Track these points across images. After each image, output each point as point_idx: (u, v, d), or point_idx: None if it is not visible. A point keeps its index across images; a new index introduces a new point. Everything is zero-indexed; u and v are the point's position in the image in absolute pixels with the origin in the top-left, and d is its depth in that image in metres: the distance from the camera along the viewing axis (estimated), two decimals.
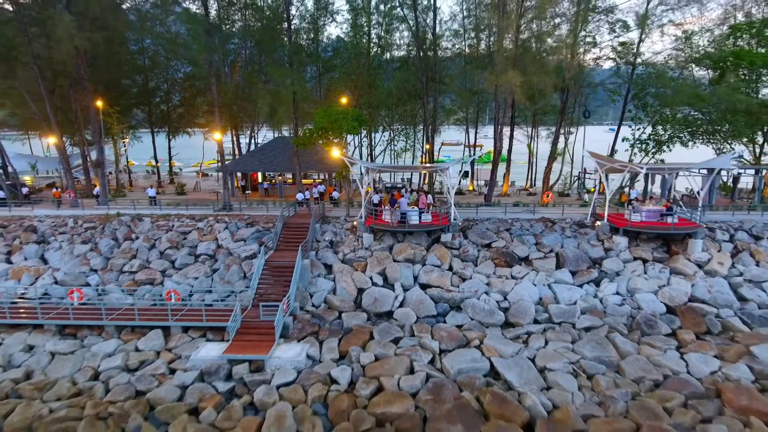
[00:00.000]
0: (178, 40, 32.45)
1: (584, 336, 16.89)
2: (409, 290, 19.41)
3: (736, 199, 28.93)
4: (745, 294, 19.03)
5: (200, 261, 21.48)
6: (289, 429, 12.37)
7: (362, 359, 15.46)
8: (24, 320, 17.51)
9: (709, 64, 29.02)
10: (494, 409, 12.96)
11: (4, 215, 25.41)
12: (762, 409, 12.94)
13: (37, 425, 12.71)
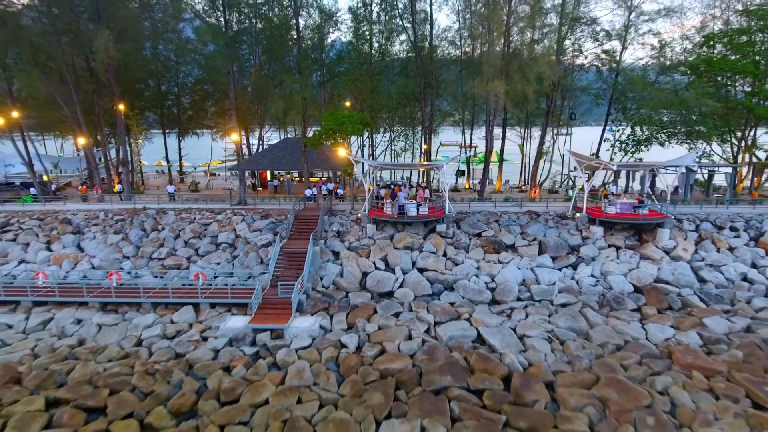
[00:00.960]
0: (202, 52, 34.88)
1: (560, 311, 19.40)
2: (407, 273, 21.93)
3: (711, 195, 31.51)
4: (705, 276, 21.55)
5: (221, 249, 24.01)
6: (308, 380, 14.89)
7: (367, 329, 17.98)
8: (71, 298, 20.02)
9: (685, 71, 31.56)
10: (479, 366, 15.48)
11: (40, 209, 27.97)
12: (704, 366, 15.45)
13: (97, 379, 15.21)
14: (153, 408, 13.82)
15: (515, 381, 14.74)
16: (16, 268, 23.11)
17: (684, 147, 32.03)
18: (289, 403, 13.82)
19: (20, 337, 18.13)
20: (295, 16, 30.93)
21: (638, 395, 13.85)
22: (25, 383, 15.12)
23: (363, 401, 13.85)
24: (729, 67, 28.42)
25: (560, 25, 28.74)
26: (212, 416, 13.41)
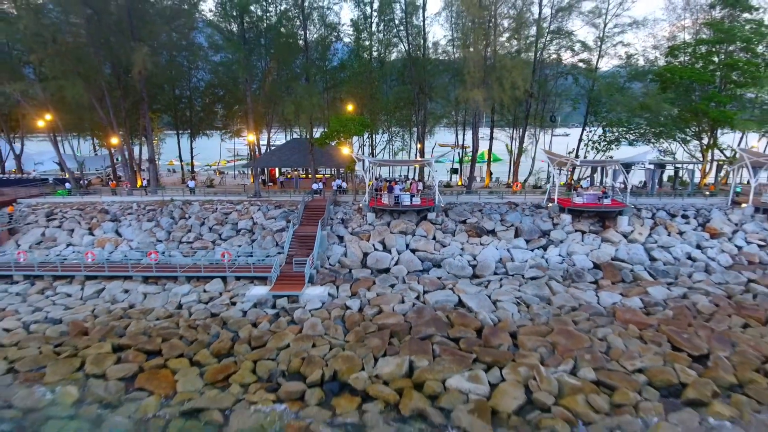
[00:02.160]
0: (222, 62, 38.58)
1: (529, 283, 23.14)
2: (402, 253, 25.64)
3: (676, 188, 35.23)
4: (655, 255, 25.27)
5: (241, 234, 27.73)
6: (320, 331, 18.61)
7: (368, 296, 21.70)
8: (118, 273, 23.74)
9: (652, 78, 35.31)
10: (457, 321, 19.22)
11: (78, 201, 31.69)
12: (639, 321, 19.20)
13: (150, 331, 18.94)
14: (198, 350, 17.54)
15: (486, 331, 18.48)
16: (65, 250, 26.83)
17: (650, 146, 35.75)
18: (306, 346, 17.53)
19: (80, 303, 21.87)
20: (303, 29, 34.71)
21: (581, 340, 17.59)
22: (92, 335, 18.84)
23: (364, 345, 17.57)
24: (688, 75, 32.15)
25: (537, 39, 32.48)
26: (246, 356, 17.13)
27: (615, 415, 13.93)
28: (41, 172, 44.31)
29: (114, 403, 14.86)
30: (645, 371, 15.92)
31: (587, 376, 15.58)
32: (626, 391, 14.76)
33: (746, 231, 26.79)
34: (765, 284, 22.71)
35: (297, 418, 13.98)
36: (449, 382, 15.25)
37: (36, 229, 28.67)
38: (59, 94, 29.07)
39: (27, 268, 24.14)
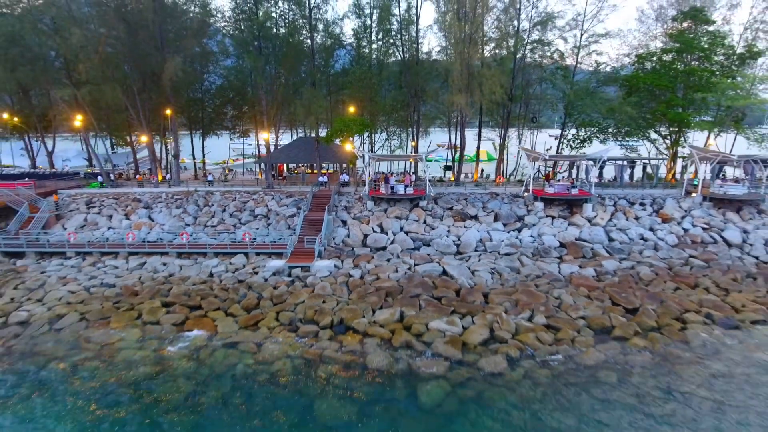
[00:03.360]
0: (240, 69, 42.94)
1: (503, 258, 27.39)
2: (396, 234, 29.88)
3: (643, 181, 39.48)
4: (613, 236, 29.52)
5: (258, 219, 32.00)
6: (329, 292, 22.88)
7: (367, 267, 25.97)
8: (156, 249, 28.01)
9: (621, 83, 39.62)
10: (441, 284, 23.51)
11: (113, 191, 35.95)
12: (589, 284, 23.49)
13: (190, 292, 23.22)
14: (231, 306, 21.83)
15: (463, 292, 22.79)
16: (107, 232, 31.08)
17: (617, 144, 40.02)
18: (317, 302, 21.82)
19: (127, 273, 26.14)
20: (310, 40, 39.00)
21: (540, 297, 21.89)
22: (142, 295, 23.13)
23: (365, 301, 21.87)
24: (650, 81, 36.44)
25: (516, 49, 36.76)
26: (270, 309, 21.41)
27: (556, 345, 18.23)
28: (72, 167, 48.53)
29: (170, 340, 19.14)
30: (586, 318, 20.24)
31: (539, 321, 19.89)
32: (568, 330, 19.09)
33: (693, 216, 31.06)
34: (702, 259, 27.01)
35: (313, 347, 18.26)
36: (431, 324, 19.55)
37: (78, 215, 32.94)
38: (97, 98, 33.27)
39: (78, 246, 28.44)
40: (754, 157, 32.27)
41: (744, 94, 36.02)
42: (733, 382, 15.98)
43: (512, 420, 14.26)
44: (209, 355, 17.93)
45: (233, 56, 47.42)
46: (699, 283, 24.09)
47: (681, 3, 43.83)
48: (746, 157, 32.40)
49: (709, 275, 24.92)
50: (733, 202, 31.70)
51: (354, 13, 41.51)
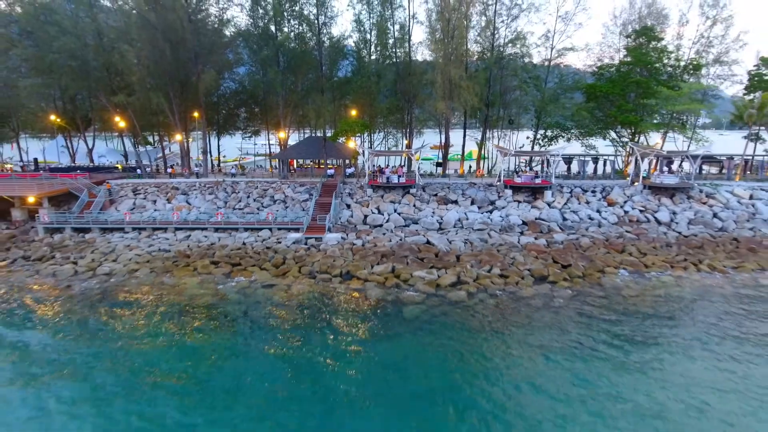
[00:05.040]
0: (249, 73, 49.91)
1: (476, 232, 34.25)
2: (391, 215, 36.70)
3: (601, 174, 46.34)
4: (566, 216, 36.37)
5: (277, 203, 38.81)
6: (337, 254, 29.71)
7: (367, 238, 32.81)
8: (197, 226, 34.83)
9: (583, 91, 46.56)
10: (424, 249, 30.37)
11: (154, 181, 42.75)
12: (539, 250, 30.31)
13: (230, 254, 30.04)
14: (263, 263, 28.67)
15: (441, 254, 29.66)
16: (153, 213, 37.86)
17: (578, 142, 46.98)
18: (329, 261, 28.65)
19: (177, 242, 32.95)
20: (319, 53, 45.91)
21: (498, 257, 28.77)
22: (193, 257, 29.95)
23: (365, 260, 28.72)
24: (605, 90, 43.39)
25: (491, 64, 43.74)
26: (293, 265, 28.26)
27: (504, 286, 25.10)
28: (107, 162, 55.34)
29: (221, 283, 25.98)
30: (530, 270, 27.12)
31: (495, 272, 26.78)
32: (515, 277, 25.99)
33: (634, 201, 37.92)
34: (635, 233, 33.88)
35: (327, 287, 25.12)
36: (414, 273, 26.43)
37: (128, 200, 39.74)
38: (144, 103, 40.16)
39: (134, 223, 35.27)
40: (685, 154, 39.22)
41: (685, 101, 42.84)
42: (626, 304, 22.85)
43: (466, 325, 21.08)
44: (252, 292, 24.80)
45: (247, 64, 54.22)
46: (625, 249, 30.99)
47: (642, 20, 50.86)
48: (675, 153, 39.37)
49: (636, 244, 31.82)
50: (668, 190, 38.61)
51: (356, 30, 48.50)
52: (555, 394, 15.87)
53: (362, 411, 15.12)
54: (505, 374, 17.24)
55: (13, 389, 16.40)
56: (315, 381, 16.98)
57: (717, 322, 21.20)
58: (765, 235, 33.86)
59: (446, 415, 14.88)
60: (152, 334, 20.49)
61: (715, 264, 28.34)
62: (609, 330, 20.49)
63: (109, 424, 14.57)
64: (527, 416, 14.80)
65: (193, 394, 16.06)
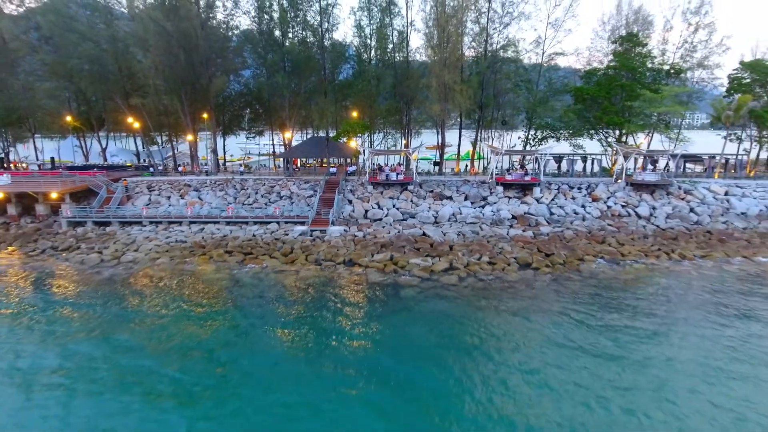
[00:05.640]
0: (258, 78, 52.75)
1: (469, 225, 36.95)
2: (390, 210, 39.39)
3: (589, 172, 49.04)
4: (553, 211, 39.06)
5: (283, 199, 41.50)
6: (340, 245, 32.41)
7: (368, 231, 35.50)
8: (210, 220, 37.52)
9: (571, 94, 49.26)
10: (420, 240, 33.09)
11: (167, 179, 45.43)
12: (526, 241, 33.03)
13: (242, 244, 32.73)
14: (273, 252, 31.37)
15: (435, 244, 32.35)
16: (168, 208, 40.53)
17: (566, 143, 49.71)
18: (333, 250, 31.35)
19: (192, 234, 35.63)
20: (322, 59, 48.60)
21: (488, 247, 31.48)
22: (208, 247, 32.64)
23: (366, 249, 31.41)
24: (591, 93, 46.11)
25: (484, 68, 46.49)
26: (301, 254, 30.96)
27: (491, 272, 27.81)
28: (123, 160, 58.02)
29: (236, 269, 28.67)
30: (516, 258, 29.82)
31: (484, 260, 29.47)
32: (501, 264, 28.70)
33: (617, 197, 40.62)
34: (615, 226, 36.58)
35: (332, 272, 27.82)
36: (411, 261, 29.12)
37: (143, 196, 42.42)
38: (158, 105, 42.85)
39: (151, 217, 37.96)
40: (663, 153, 41.94)
41: (667, 104, 45.50)
42: (599, 285, 25.54)
43: (456, 303, 23.75)
44: (265, 276, 27.51)
45: (252, 67, 56.85)
46: (605, 240, 33.72)
47: (629, 26, 53.58)
48: (655, 152, 42.10)
49: (616, 236, 34.53)
50: (648, 186, 41.33)
51: (357, 35, 51.23)
52: (529, 353, 18.55)
53: (363, 370, 17.77)
54: (487, 340, 19.92)
55: (64, 345, 19.05)
56: (322, 347, 19.65)
57: (679, 300, 23.90)
58: (737, 228, 36.62)
59: (434, 373, 17.53)
60: (177, 309, 23.15)
61: (686, 253, 31.06)
62: (580, 304, 23.16)
63: (135, 376, 17.20)
64: (503, 369, 17.46)
65: (217, 360, 18.73)
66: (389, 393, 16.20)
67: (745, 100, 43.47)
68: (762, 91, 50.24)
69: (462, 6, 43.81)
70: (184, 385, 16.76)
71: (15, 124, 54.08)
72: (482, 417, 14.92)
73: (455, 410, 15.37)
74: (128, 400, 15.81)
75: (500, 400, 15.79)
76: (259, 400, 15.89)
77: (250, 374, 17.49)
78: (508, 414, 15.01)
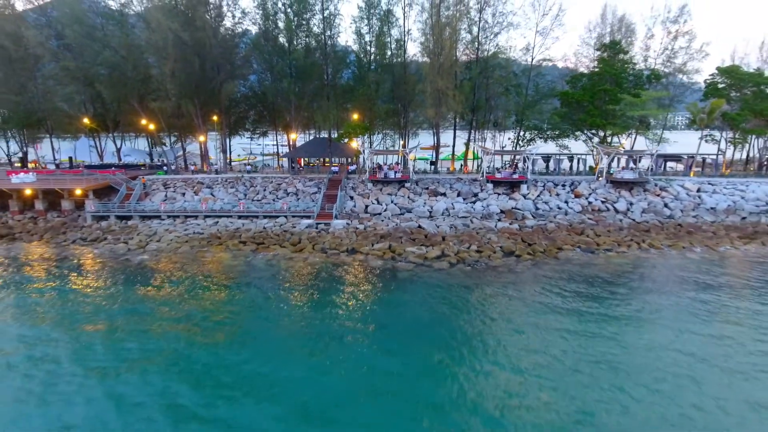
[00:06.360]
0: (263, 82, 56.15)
1: (460, 219, 40.38)
2: (388, 205, 42.79)
3: (578, 171, 52.49)
4: (538, 206, 42.51)
5: (290, 195, 44.88)
6: (344, 236, 35.81)
7: (368, 224, 38.91)
8: (223, 214, 40.88)
9: (558, 98, 52.73)
10: (416, 232, 36.52)
11: (181, 177, 48.78)
12: (511, 232, 36.46)
13: (254, 235, 36.11)
14: (283, 242, 34.77)
15: (429, 235, 35.77)
16: (184, 203, 43.87)
17: (553, 143, 53.25)
18: (337, 240, 34.75)
19: (207, 227, 38.99)
20: (325, 65, 51.99)
21: (476, 237, 34.92)
22: (223, 238, 36.02)
23: (366, 240, 34.82)
24: (576, 97, 49.57)
25: (475, 74, 49.94)
26: (308, 243, 34.35)
27: (479, 258, 31.23)
28: (137, 160, 61.32)
29: (250, 256, 32.05)
30: (502, 247, 33.25)
31: (473, 249, 32.90)
32: (488, 252, 32.13)
33: (597, 193, 44.06)
34: (594, 219, 40.01)
35: (337, 258, 31.23)
36: (407, 249, 32.54)
37: (160, 192, 45.77)
38: (175, 109, 46.22)
39: (169, 212, 41.30)
40: (642, 153, 45.41)
41: (648, 107, 48.89)
42: (572, 269, 28.97)
43: (446, 284, 27.14)
44: (276, 262, 30.91)
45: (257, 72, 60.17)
46: (584, 232, 37.14)
47: (613, 33, 57.07)
48: (633, 152, 45.58)
49: (594, 229, 37.96)
50: (627, 184, 44.80)
51: (357, 42, 54.57)
52: (506, 321, 21.96)
53: (364, 337, 21.15)
54: (471, 312, 23.31)
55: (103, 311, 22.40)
56: (329, 318, 23.02)
57: (641, 280, 27.35)
58: (705, 221, 40.10)
59: (425, 339, 20.91)
60: (201, 287, 26.51)
61: (654, 243, 34.52)
62: (554, 284, 26.57)
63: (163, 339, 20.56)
64: (485, 334, 20.85)
65: (240, 334, 22.11)
66: (387, 356, 19.56)
67: (717, 104, 46.89)
68: (737, 95, 53.81)
69: (455, 16, 47.32)
70: (215, 342, 20.16)
71: (34, 126, 57.43)
72: (465, 369, 18.32)
73: (442, 367, 18.74)
74: (173, 348, 19.21)
75: (481, 355, 19.20)
76: (275, 357, 19.26)
77: (267, 338, 20.87)
78: (484, 366, 18.41)
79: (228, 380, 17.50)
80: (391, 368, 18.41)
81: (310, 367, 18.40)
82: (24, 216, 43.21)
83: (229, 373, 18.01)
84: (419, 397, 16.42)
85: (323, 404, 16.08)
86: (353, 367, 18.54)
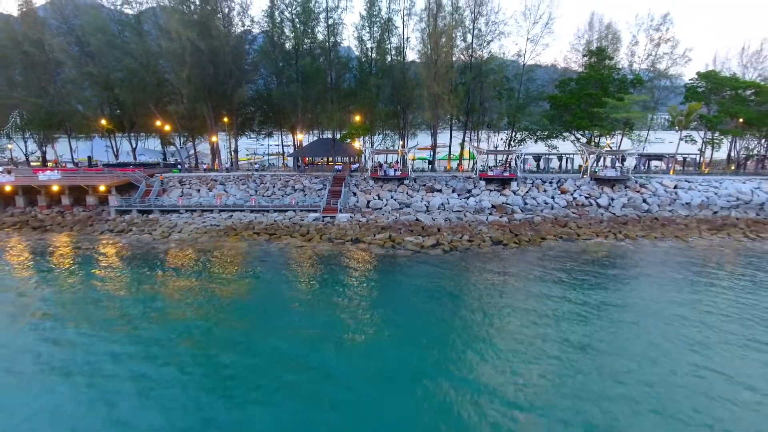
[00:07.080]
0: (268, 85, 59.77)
1: (455, 213, 43.93)
2: (388, 201, 46.37)
3: (567, 169, 56.04)
4: (527, 201, 46.07)
5: (297, 191, 48.43)
6: (348, 229, 39.36)
7: (370, 217, 42.46)
8: (237, 209, 44.45)
9: (547, 101, 56.30)
10: (413, 224, 40.09)
11: (195, 175, 52.32)
12: (501, 225, 40.04)
13: (266, 227, 39.68)
14: (293, 233, 38.35)
15: (426, 227, 39.34)
16: (199, 199, 47.43)
17: (542, 143, 56.87)
18: (342, 232, 38.32)
19: (223, 220, 42.55)
20: (329, 70, 55.58)
21: (469, 229, 38.50)
22: (239, 229, 39.59)
23: (369, 231, 38.40)
24: (562, 100, 53.13)
25: (471, 78, 53.52)
26: (316, 234, 37.93)
27: (470, 247, 34.81)
28: (151, 159, 64.86)
29: (264, 245, 35.63)
30: (491, 237, 36.82)
31: (464, 238, 36.48)
32: (478, 241, 35.70)
33: (582, 189, 47.63)
34: (578, 213, 43.60)
35: (341, 247, 34.80)
36: (406, 239, 36.12)
37: (176, 189, 49.33)
38: (191, 111, 49.81)
39: (187, 206, 44.86)
40: (623, 153, 49.00)
41: (633, 110, 52.37)
42: (553, 256, 32.53)
43: (440, 268, 30.68)
44: (288, 250, 34.48)
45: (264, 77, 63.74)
46: (567, 224, 40.71)
47: (601, 40, 60.61)
48: (614, 152, 49.18)
49: (576, 221, 41.53)
50: (610, 181, 48.37)
51: (359, 48, 58.20)
52: (491, 297, 25.51)
53: (367, 314, 24.69)
54: (463, 292, 26.87)
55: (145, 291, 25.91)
56: (336, 297, 26.55)
57: (612, 264, 30.90)
58: (680, 215, 43.66)
59: (421, 316, 24.45)
60: (223, 270, 30.05)
61: (630, 234, 38.10)
62: (536, 267, 30.12)
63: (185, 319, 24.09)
64: (473, 309, 24.39)
65: (256, 303, 25.65)
66: (388, 330, 23.06)
67: (694, 107, 50.46)
68: (715, 98, 57.43)
69: (451, 25, 50.90)
70: (236, 321, 23.73)
71: (54, 127, 61.01)
72: (456, 338, 21.88)
73: (436, 340, 22.28)
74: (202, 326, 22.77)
75: (470, 327, 22.76)
76: (287, 331, 22.82)
77: (280, 315, 24.44)
78: (472, 335, 21.98)
79: (253, 348, 21.08)
80: (390, 335, 21.96)
81: (324, 337, 21.96)
82: (51, 210, 46.77)
83: (254, 345, 21.60)
84: (416, 357, 19.99)
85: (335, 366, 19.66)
86: (359, 333, 22.09)
